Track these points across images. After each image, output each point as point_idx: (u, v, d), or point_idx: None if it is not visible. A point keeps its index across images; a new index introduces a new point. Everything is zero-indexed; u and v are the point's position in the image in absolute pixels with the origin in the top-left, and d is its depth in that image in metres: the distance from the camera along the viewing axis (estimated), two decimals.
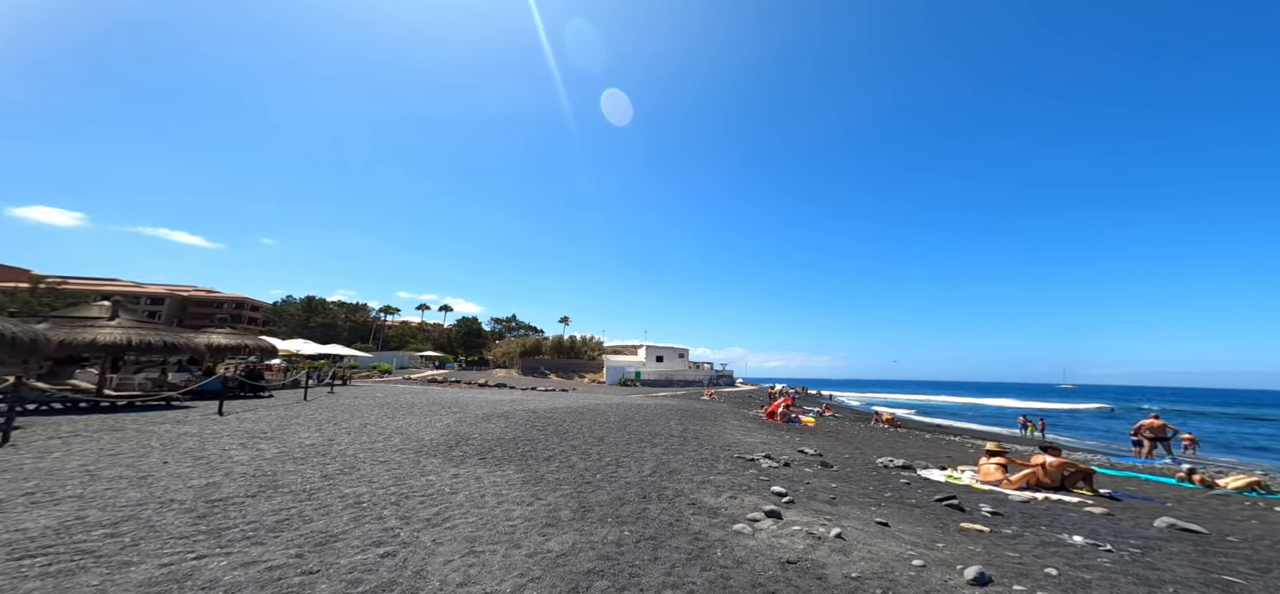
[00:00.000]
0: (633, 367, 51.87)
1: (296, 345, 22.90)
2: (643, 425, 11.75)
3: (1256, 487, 8.77)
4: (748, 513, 4.52)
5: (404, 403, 14.77)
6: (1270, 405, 67.40)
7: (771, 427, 15.18)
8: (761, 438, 11.32)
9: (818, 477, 6.83)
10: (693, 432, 11.22)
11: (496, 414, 12.43)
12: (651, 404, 19.47)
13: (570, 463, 6.73)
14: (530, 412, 13.44)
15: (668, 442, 9.32)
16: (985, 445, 7.15)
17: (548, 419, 11.88)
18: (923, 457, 10.85)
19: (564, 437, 9.20)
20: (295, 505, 4.06)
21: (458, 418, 11.27)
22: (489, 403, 15.97)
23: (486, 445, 7.72)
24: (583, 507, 4.57)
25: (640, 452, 7.97)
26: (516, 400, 17.75)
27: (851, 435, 14.90)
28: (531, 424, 10.70)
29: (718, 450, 8.67)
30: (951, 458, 11.06)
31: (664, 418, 13.87)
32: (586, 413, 14.00)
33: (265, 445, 6.60)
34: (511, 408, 14.43)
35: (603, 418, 12.91)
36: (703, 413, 17.06)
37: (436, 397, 18.08)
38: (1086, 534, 4.55)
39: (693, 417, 15.09)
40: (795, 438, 12.32)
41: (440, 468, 5.92)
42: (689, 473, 6.44)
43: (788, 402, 19.05)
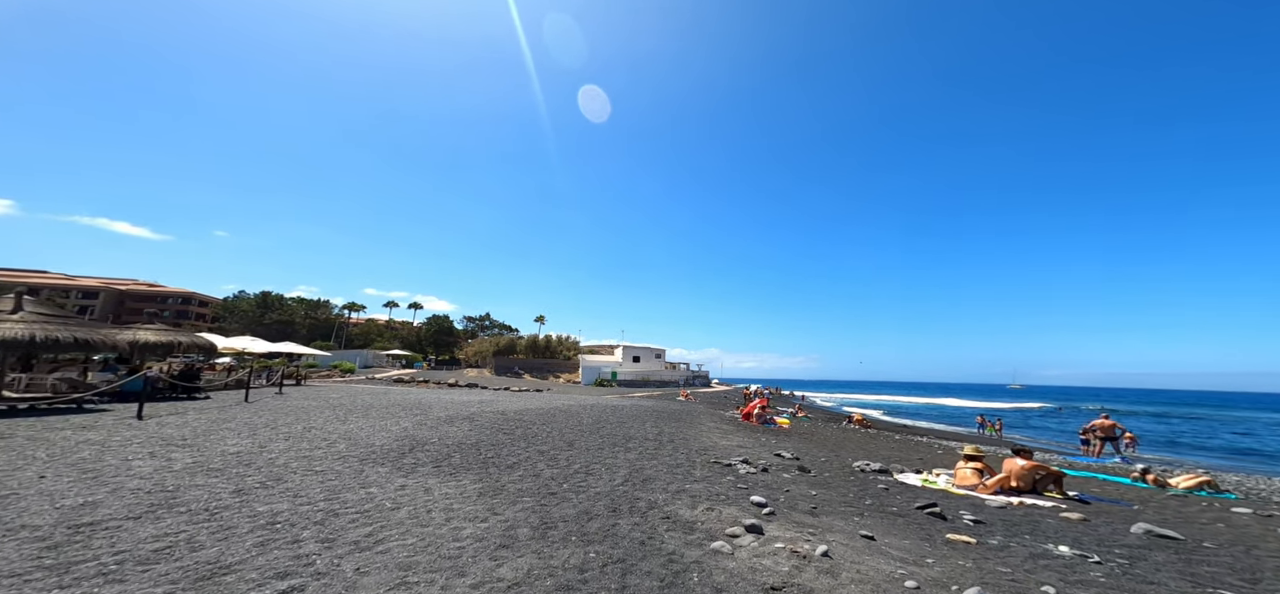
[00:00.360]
0: (609, 367, 51.27)
1: (244, 343, 21.20)
2: (617, 428, 11.30)
3: (1205, 486, 9.11)
4: (727, 527, 4.14)
5: (361, 404, 13.79)
6: (1189, 404, 73.33)
7: (747, 429, 15.01)
8: (738, 441, 11.07)
9: (797, 483, 6.56)
10: (668, 434, 10.85)
11: (461, 416, 11.70)
12: (627, 405, 19.03)
13: (536, 471, 6.21)
14: (498, 414, 12.75)
15: (642, 446, 8.90)
16: (962, 449, 7.07)
17: (516, 422, 11.26)
18: (896, 459, 10.84)
19: (532, 441, 8.64)
20: (188, 528, 3.40)
21: (417, 421, 10.51)
22: (455, 404, 15.15)
23: (444, 451, 7.09)
24: (545, 523, 4.09)
25: (613, 457, 7.51)
26: (486, 401, 16.96)
27: (826, 437, 14.90)
28: (498, 427, 10.07)
29: (694, 455, 8.31)
30: (923, 460, 11.12)
31: (639, 420, 13.45)
32: (558, 415, 13.43)
33: (179, 455, 5.77)
34: (479, 410, 13.69)
35: (575, 420, 12.38)
36: (679, 415, 16.75)
37: (398, 397, 17.06)
38: (1070, 543, 4.41)
39: (669, 418, 14.74)
40: (771, 440, 12.14)
41: (386, 478, 5.29)
42: (664, 481, 6.04)
43: (763, 403, 18.99)
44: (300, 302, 75.19)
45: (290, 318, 70.80)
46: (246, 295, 75.01)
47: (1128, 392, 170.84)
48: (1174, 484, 9.22)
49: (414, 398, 17.17)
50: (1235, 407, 67.47)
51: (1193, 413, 50.80)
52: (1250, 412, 54.80)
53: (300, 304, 74.21)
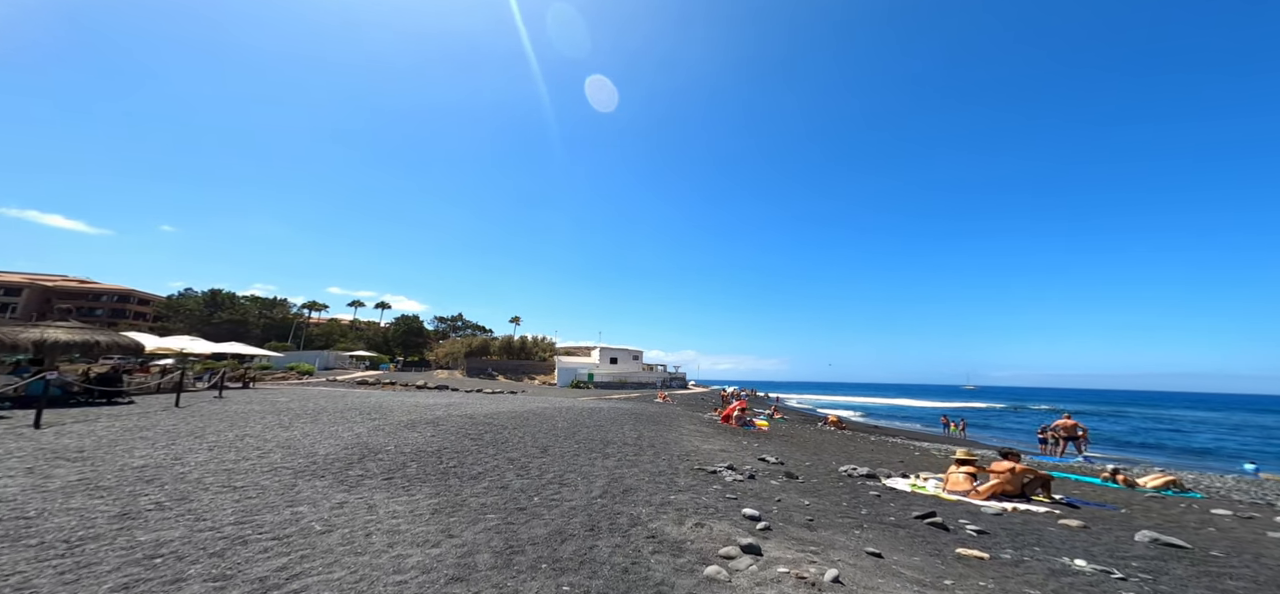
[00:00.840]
0: (586, 368, 50.34)
1: (183, 343, 19.31)
2: (594, 432, 10.67)
3: (1171, 485, 9.27)
4: (720, 548, 3.62)
5: (313, 408, 12.63)
6: (1120, 402, 78.67)
7: (728, 432, 14.63)
8: (720, 445, 10.63)
9: (787, 491, 6.13)
10: (649, 439, 10.31)
11: (425, 421, 10.79)
12: (604, 407, 18.37)
13: (503, 481, 5.54)
14: (466, 417, 11.89)
15: (621, 451, 8.32)
16: (954, 453, 6.84)
17: (486, 426, 10.46)
18: (877, 462, 10.65)
19: (501, 447, 7.92)
20: (27, 568, 2.60)
21: (374, 426, 9.58)
22: (420, 407, 14.13)
23: (400, 461, 6.31)
24: (510, 547, 3.46)
25: (590, 464, 6.90)
26: (454, 404, 15.96)
27: (805, 440, 14.69)
28: (465, 432, 9.26)
29: (676, 460, 7.79)
30: (904, 463, 10.98)
31: (617, 423, 12.85)
32: (532, 418, 12.67)
33: (63, 470, 4.80)
34: (445, 413, 12.76)
35: (550, 424, 11.67)
36: (657, 417, 16.23)
37: (357, 401, 15.85)
38: (1084, 555, 4.12)
39: (648, 421, 14.20)
40: (753, 444, 11.78)
41: (322, 494, 4.52)
42: (646, 491, 5.48)
43: (742, 406, 18.70)
44: (255, 300, 70.81)
45: (243, 317, 66.51)
46: (193, 293, 70.07)
47: (1070, 391, 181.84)
48: (1142, 484, 9.34)
49: (375, 401, 15.99)
50: (1163, 405, 72.49)
51: (1123, 411, 54.26)
52: (1178, 410, 58.71)
53: (254, 303, 69.88)
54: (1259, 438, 30.14)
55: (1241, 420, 43.60)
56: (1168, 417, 47.15)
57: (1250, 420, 43.21)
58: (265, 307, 70.26)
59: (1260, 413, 53.22)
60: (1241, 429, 35.42)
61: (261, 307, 70.10)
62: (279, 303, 72.34)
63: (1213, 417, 48.21)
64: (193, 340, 19.71)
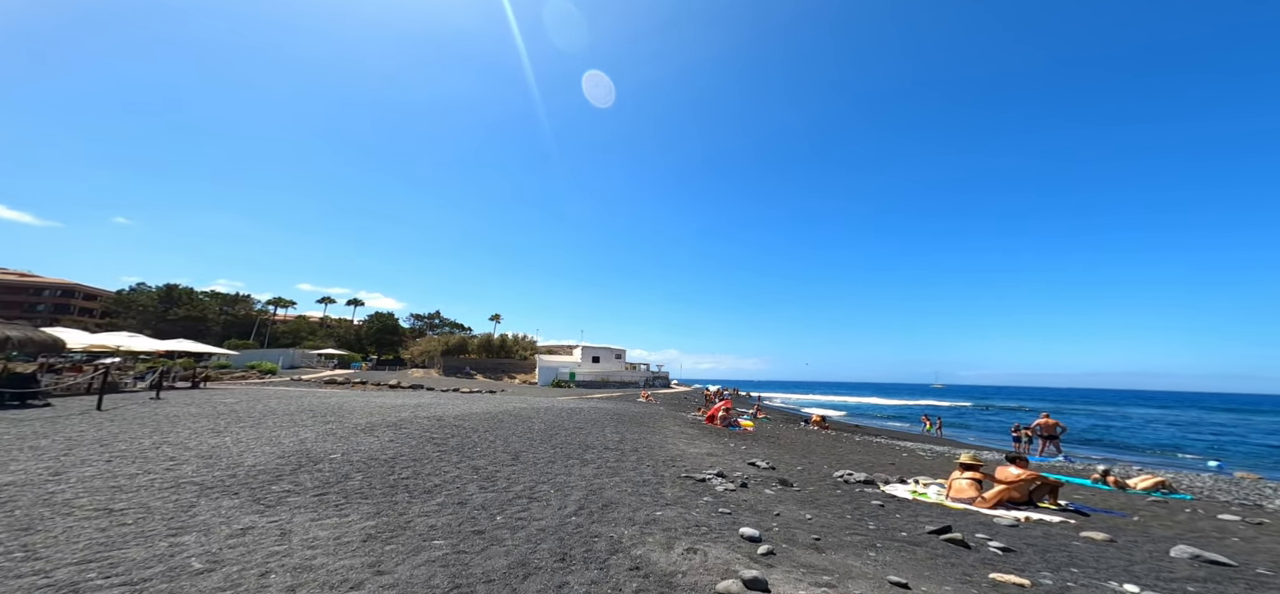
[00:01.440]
0: (567, 367, 49.30)
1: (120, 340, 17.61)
2: (573, 434, 9.91)
3: (1160, 487, 9.09)
4: (718, 581, 2.95)
5: (261, 410, 11.48)
6: (1076, 400, 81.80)
7: (713, 433, 14.06)
8: (707, 448, 10.02)
9: (784, 502, 5.52)
10: (631, 442, 9.61)
11: (386, 423, 9.83)
12: (585, 407, 17.59)
13: (462, 496, 4.76)
14: (433, 419, 10.95)
15: (602, 457, 7.59)
16: (959, 456, 6.38)
17: (455, 429, 9.57)
18: (868, 465, 10.21)
19: (467, 454, 7.09)
20: None
21: (325, 430, 8.60)
22: (384, 409, 13.08)
23: (343, 472, 5.45)
24: (456, 585, 2.71)
25: (566, 473, 6.16)
26: (423, 405, 14.93)
27: (792, 441, 14.25)
28: (428, 437, 8.38)
29: (661, 466, 7.12)
30: (896, 466, 10.59)
31: (598, 425, 12.11)
32: (507, 419, 11.81)
33: None
34: (412, 415, 11.78)
35: (525, 426, 10.84)
36: (641, 418, 15.55)
37: (315, 402, 14.65)
38: (1127, 576, 3.62)
39: (631, 422, 13.50)
40: (741, 446, 11.21)
41: (227, 516, 3.66)
42: (629, 505, 4.78)
43: (727, 406, 18.19)
44: (215, 296, 67.16)
45: (202, 314, 62.95)
46: (146, 288, 65.98)
47: (1029, 389, 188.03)
48: (1133, 485, 9.15)
49: (335, 402, 14.81)
50: (1113, 402, 75.47)
51: (1075, 408, 56.11)
52: (1129, 407, 61.06)
53: (215, 299, 66.26)
54: (1213, 433, 31.45)
55: (1196, 417, 45.30)
56: (1119, 414, 48.73)
57: (1204, 418, 44.95)
58: (226, 302, 66.73)
59: (1210, 411, 55.69)
60: (1197, 426, 36.83)
61: (222, 302, 66.54)
62: (242, 299, 68.78)
63: (1162, 413, 49.71)
64: (132, 337, 18.02)
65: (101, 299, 69.75)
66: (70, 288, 69.04)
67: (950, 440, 24.57)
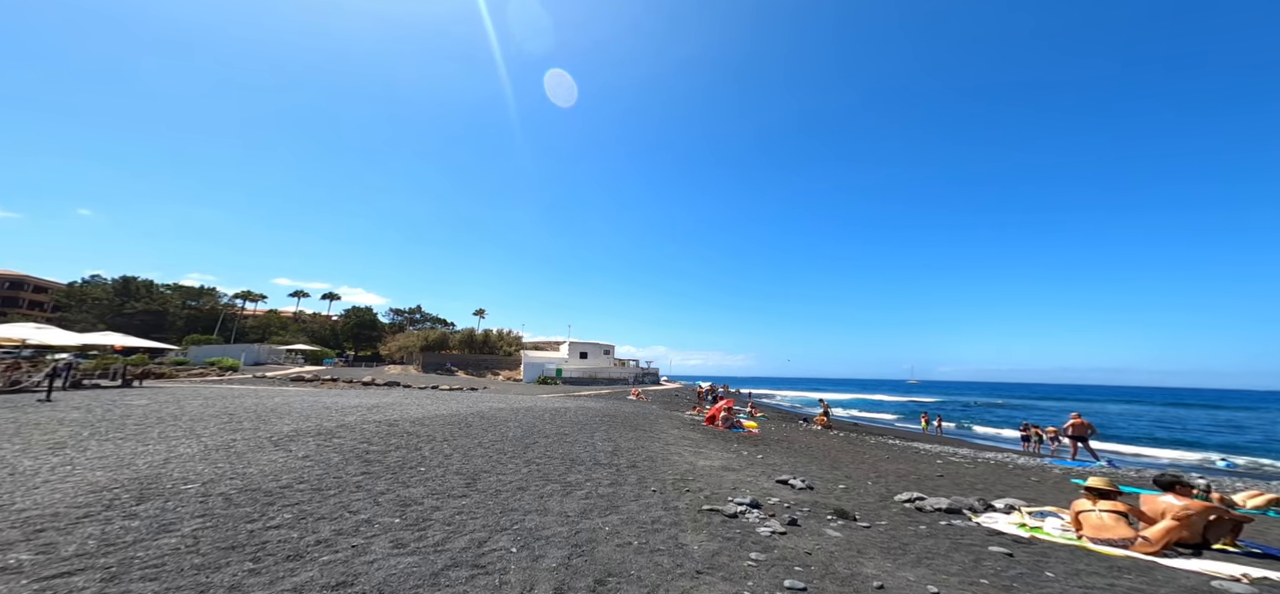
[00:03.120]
0: (554, 364, 47.23)
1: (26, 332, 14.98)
2: (555, 443, 8.00)
3: (1274, 506, 7.58)
4: None
5: (173, 414, 9.30)
6: (1056, 395, 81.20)
7: (716, 435, 12.30)
8: (720, 458, 8.21)
9: (865, 554, 3.73)
10: (628, 452, 7.74)
11: (316, 431, 7.77)
12: (572, 407, 15.66)
13: (351, 570, 2.83)
14: (383, 425, 8.91)
15: (592, 476, 5.72)
16: (1086, 480, 4.70)
17: (404, 439, 7.58)
18: (923, 479, 8.53)
19: (403, 477, 5.14)
20: None
21: (221, 442, 6.53)
22: (330, 410, 10.96)
23: (167, 520, 3.45)
24: None
25: (540, 508, 4.28)
26: (381, 406, 12.82)
27: (809, 446, 12.56)
28: (360, 452, 6.38)
29: (671, 490, 5.28)
30: (952, 480, 8.91)
31: (586, 429, 10.22)
32: (476, 424, 9.84)
33: None
34: (359, 418, 9.71)
35: (497, 432, 8.89)
36: (635, 420, 13.69)
37: (253, 403, 12.44)
38: None
39: (624, 425, 11.65)
40: (756, 455, 9.44)
41: None
42: (639, 573, 2.92)
43: (728, 405, 16.45)
44: (178, 288, 63.01)
45: (162, 307, 58.93)
46: (101, 280, 61.59)
47: (1004, 385, 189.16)
48: (1240, 502, 7.63)
49: (277, 402, 12.61)
50: (1088, 399, 75.01)
51: (1057, 405, 55.10)
52: (1104, 403, 59.34)
53: (177, 292, 62.15)
54: (1199, 427, 30.85)
55: (1161, 413, 43.33)
56: (1099, 410, 47.57)
57: (1172, 412, 43.18)
58: (189, 295, 62.67)
59: (1180, 406, 54.30)
60: (1175, 421, 35.45)
61: (185, 295, 62.47)
62: (206, 291, 64.74)
63: (1140, 409, 48.38)
64: (42, 329, 15.41)
65: (52, 292, 65.01)
66: (19, 280, 64.18)
67: (953, 440, 23.30)
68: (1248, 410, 47.81)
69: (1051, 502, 6.39)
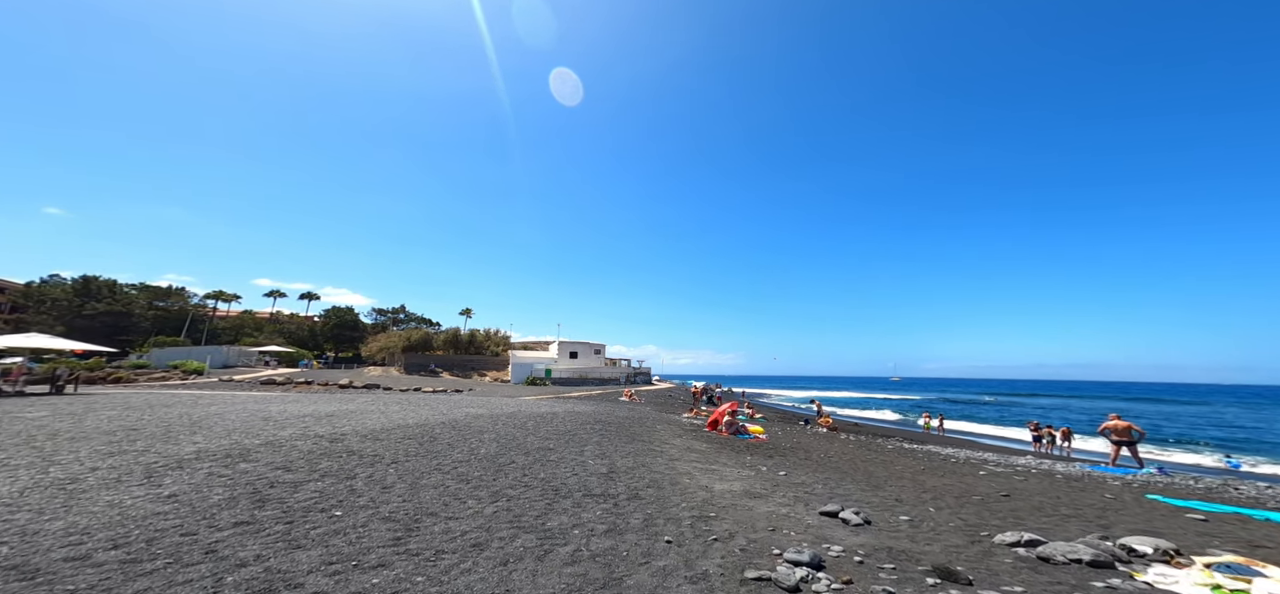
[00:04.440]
0: (543, 364, 45.44)
1: None
2: (537, 462, 6.40)
3: None
4: None
5: (71, 429, 7.45)
6: (1029, 392, 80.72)
7: (724, 444, 10.81)
8: (737, 479, 6.69)
9: None
10: (627, 474, 6.17)
11: (221, 454, 6.04)
12: (560, 412, 14.04)
13: None
14: (323, 442, 7.19)
15: (582, 516, 4.14)
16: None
17: (343, 461, 5.91)
18: (986, 500, 7.11)
19: (304, 526, 3.50)
20: None
21: (83, 469, 4.80)
22: (271, 421, 9.18)
23: None
24: None
25: (504, 584, 2.69)
26: (336, 416, 11.06)
27: (830, 455, 11.14)
28: (262, 484, 4.70)
29: (693, 536, 3.74)
30: (1030, 503, 7.47)
31: (575, 441, 8.63)
32: (445, 437, 8.18)
33: None
34: (297, 432, 7.97)
35: (467, 448, 7.26)
36: (630, 426, 12.13)
37: (185, 412, 10.60)
38: None
39: (619, 434, 10.07)
40: (777, 470, 7.95)
41: None
42: None
43: (732, 408, 14.97)
44: (144, 288, 59.68)
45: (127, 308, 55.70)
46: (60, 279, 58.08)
47: (987, 382, 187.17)
48: None
49: (214, 411, 10.78)
50: (1063, 393, 73.42)
51: (1029, 401, 53.74)
52: (1079, 400, 58.13)
53: (142, 292, 58.85)
54: (1184, 424, 30.22)
55: (1138, 410, 41.51)
56: (1075, 406, 45.90)
57: (1145, 410, 41.74)
58: (156, 296, 59.40)
59: (1151, 403, 53.36)
60: (1140, 418, 34.16)
61: (151, 295, 59.19)
62: (175, 292, 61.46)
63: (1119, 407, 47.75)
64: None
65: (9, 292, 61.10)
66: None
67: (963, 441, 22.22)
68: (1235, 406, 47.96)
69: (1138, 524, 5.02)
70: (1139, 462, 11.80)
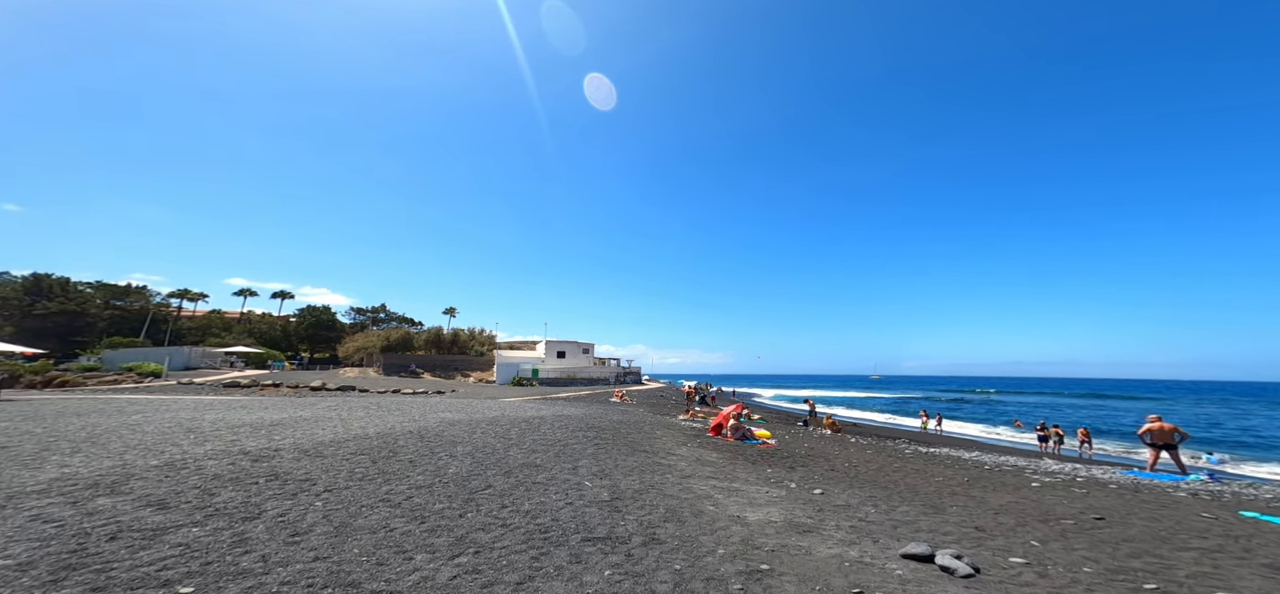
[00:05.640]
0: (530, 364, 43.70)
1: None
2: (520, 484, 4.97)
3: None
4: None
5: None
6: (1014, 388, 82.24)
7: (735, 452, 9.51)
8: (768, 498, 5.36)
9: None
10: (634, 501, 4.78)
11: (89, 483, 4.46)
12: (548, 416, 12.57)
13: None
14: (246, 461, 5.63)
15: (584, 577, 2.75)
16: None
17: (254, 491, 4.39)
18: (1047, 519, 5.91)
19: None
20: None
21: None
22: (199, 432, 7.54)
23: None
24: None
25: None
26: (283, 424, 9.42)
27: (856, 466, 9.92)
28: (124, 523, 3.17)
29: None
30: (1118, 527, 6.33)
31: (566, 453, 7.21)
32: (408, 451, 6.68)
33: None
34: (220, 447, 6.38)
35: (430, 468, 5.78)
36: (627, 432, 10.74)
37: (122, 421, 8.86)
38: None
39: (616, 442, 8.66)
40: (809, 485, 6.65)
41: None
42: None
43: (738, 410, 13.68)
44: (100, 286, 56.03)
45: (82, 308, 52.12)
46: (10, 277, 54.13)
47: (967, 379, 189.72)
48: None
49: (135, 420, 9.05)
50: (1040, 390, 74.11)
51: (1014, 399, 53.69)
52: (1057, 396, 58.57)
53: (99, 290, 55.24)
54: (1185, 420, 30.04)
55: (1112, 407, 41.53)
56: (1054, 403, 45.81)
57: (1122, 407, 41.25)
58: (113, 294, 55.80)
59: (1123, 399, 53.35)
60: (1121, 415, 33.62)
61: (108, 294, 55.59)
62: (135, 290, 57.86)
63: (1097, 404, 46.51)
64: None
65: None
66: None
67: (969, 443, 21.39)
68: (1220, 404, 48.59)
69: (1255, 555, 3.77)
70: (1181, 467, 10.71)
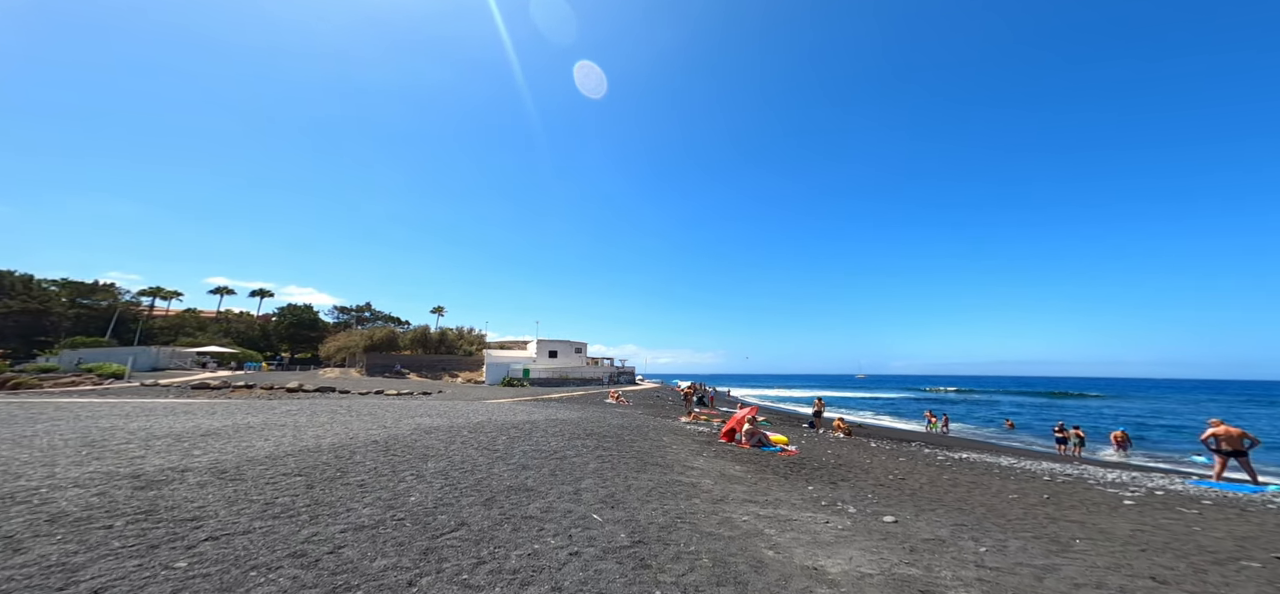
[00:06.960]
0: (521, 363, 42.10)
1: None
2: (506, 520, 3.56)
3: None
4: None
5: None
6: (999, 387, 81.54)
7: (756, 462, 8.19)
8: (839, 536, 4.02)
9: None
10: (663, 547, 3.37)
11: None
12: (541, 421, 11.13)
13: None
14: (125, 484, 4.14)
15: None
16: None
17: (126, 525, 2.93)
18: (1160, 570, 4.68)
19: None
20: None
21: None
22: (105, 443, 6.01)
23: None
24: None
25: None
26: (223, 433, 7.88)
27: (895, 477, 8.66)
28: None
29: None
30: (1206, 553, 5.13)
31: (565, 468, 5.82)
32: (365, 465, 5.25)
33: None
34: (116, 463, 4.92)
35: (393, 489, 4.36)
36: (632, 441, 9.35)
37: (21, 430, 7.23)
38: None
39: (622, 453, 7.29)
40: (881, 513, 5.34)
41: None
42: None
43: (752, 413, 12.38)
44: (65, 284, 53.08)
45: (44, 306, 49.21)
46: None
47: (956, 378, 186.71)
48: None
49: (41, 428, 7.44)
50: (1031, 389, 72.55)
51: (1008, 399, 52.39)
52: (1044, 396, 56.95)
53: (64, 288, 52.34)
54: (1163, 419, 29.42)
55: (1097, 406, 40.44)
56: (1034, 403, 44.98)
57: (1106, 407, 40.10)
58: (79, 292, 52.88)
59: (1120, 399, 52.17)
60: (1112, 415, 32.31)
61: (74, 292, 52.67)
62: (103, 287, 54.96)
63: (1085, 403, 45.21)
64: None
65: None
66: None
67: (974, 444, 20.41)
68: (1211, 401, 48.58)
69: None
70: (1254, 477, 9.40)
